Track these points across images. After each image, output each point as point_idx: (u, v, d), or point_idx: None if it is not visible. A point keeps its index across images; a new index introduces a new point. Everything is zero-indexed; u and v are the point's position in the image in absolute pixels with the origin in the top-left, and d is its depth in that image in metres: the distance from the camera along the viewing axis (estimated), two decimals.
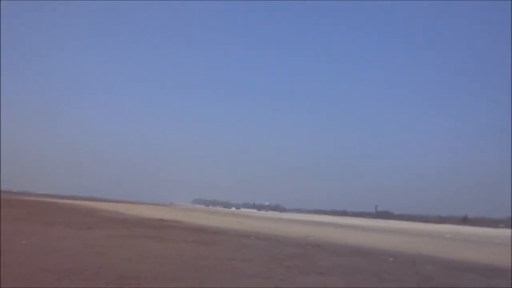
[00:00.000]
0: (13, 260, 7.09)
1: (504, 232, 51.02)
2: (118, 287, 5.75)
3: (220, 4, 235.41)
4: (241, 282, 6.83)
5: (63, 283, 5.69)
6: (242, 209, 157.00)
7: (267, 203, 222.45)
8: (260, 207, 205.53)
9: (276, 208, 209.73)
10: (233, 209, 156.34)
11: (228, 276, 7.23)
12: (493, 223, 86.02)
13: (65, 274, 6.23)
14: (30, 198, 59.07)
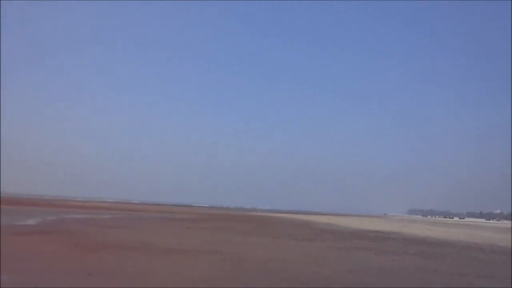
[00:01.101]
0: (252, 269, 8.07)
1: None
2: None
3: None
4: None
5: None
6: (466, 219, 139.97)
7: (497, 211, 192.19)
8: (489, 216, 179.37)
9: (510, 216, 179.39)
10: (456, 219, 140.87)
11: None
12: None
13: (297, 283, 6.72)
14: (257, 213, 66.71)
